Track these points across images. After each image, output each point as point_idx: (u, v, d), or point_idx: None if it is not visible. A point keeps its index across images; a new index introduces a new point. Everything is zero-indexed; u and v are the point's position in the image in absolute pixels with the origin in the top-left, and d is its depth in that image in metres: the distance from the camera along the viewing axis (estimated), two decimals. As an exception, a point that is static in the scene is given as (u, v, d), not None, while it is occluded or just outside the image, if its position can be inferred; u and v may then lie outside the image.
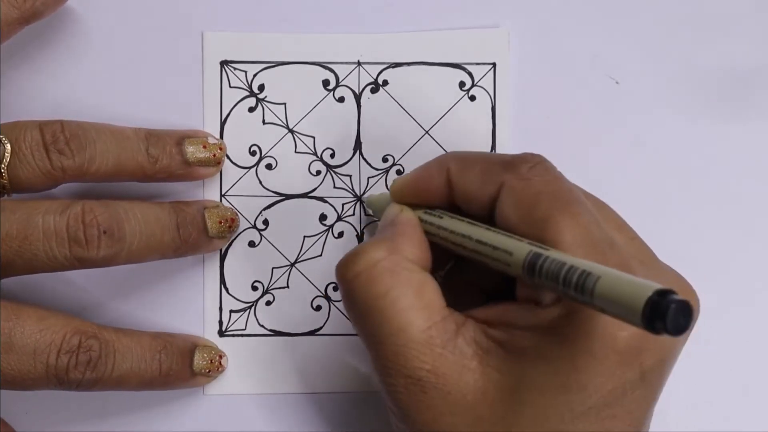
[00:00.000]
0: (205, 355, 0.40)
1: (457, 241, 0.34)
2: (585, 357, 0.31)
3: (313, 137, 0.42)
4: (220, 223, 0.40)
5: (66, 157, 0.36)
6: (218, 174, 0.41)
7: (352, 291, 0.33)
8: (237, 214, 0.41)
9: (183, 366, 0.39)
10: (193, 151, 0.39)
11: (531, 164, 0.33)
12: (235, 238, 0.42)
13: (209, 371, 0.40)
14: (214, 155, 0.40)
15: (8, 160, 0.35)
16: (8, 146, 0.35)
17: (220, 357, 0.40)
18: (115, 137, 0.37)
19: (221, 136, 0.42)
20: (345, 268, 0.34)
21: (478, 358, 0.32)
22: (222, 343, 0.41)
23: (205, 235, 0.39)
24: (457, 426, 0.32)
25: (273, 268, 0.42)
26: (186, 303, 0.41)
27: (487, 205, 0.34)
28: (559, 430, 0.31)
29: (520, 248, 0.31)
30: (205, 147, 0.39)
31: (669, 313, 0.25)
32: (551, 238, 0.31)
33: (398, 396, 0.33)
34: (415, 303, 0.33)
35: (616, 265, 0.30)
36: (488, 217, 0.34)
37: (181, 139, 0.39)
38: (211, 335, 0.41)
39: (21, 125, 0.36)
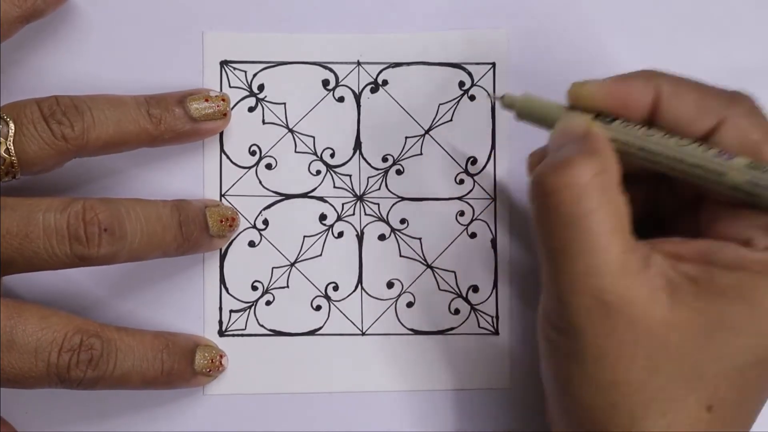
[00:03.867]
0: (206, 354, 0.40)
1: (673, 154, 0.33)
2: None
3: (313, 137, 0.42)
4: (221, 222, 0.40)
5: (65, 126, 0.36)
6: (218, 174, 0.41)
7: (558, 202, 0.32)
8: (237, 214, 0.41)
9: (184, 365, 0.39)
10: (197, 107, 0.39)
11: (751, 104, 0.33)
12: (235, 238, 0.42)
13: (210, 371, 0.40)
14: (219, 107, 0.40)
15: (13, 136, 0.36)
16: (11, 124, 0.36)
17: (221, 357, 0.40)
18: (111, 104, 0.38)
19: (221, 137, 0.42)
20: (551, 177, 0.32)
21: (668, 291, 0.32)
22: (222, 343, 0.41)
23: (207, 233, 0.39)
24: (637, 355, 0.32)
25: (273, 268, 0.42)
26: (186, 303, 0.41)
27: (699, 135, 0.33)
28: (738, 370, 0.32)
29: (738, 160, 0.32)
30: (207, 100, 0.40)
31: None
32: None
33: (578, 316, 0.32)
34: (617, 226, 0.32)
35: None
36: None
37: (183, 98, 0.39)
38: (211, 335, 0.41)
39: (19, 104, 0.37)
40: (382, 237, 0.42)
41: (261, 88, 0.42)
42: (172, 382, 0.38)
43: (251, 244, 0.42)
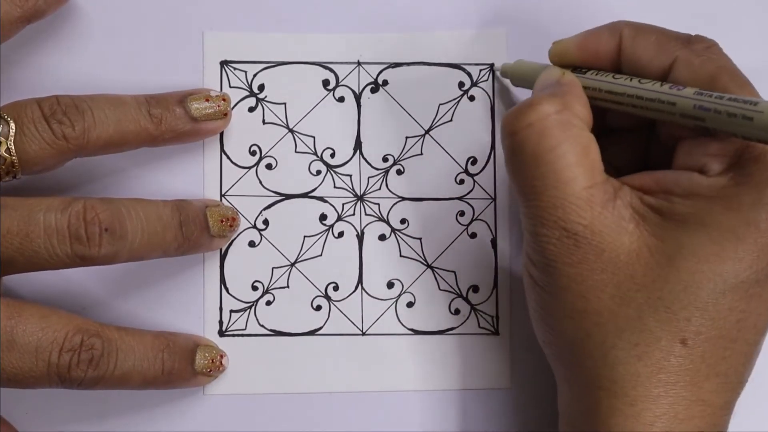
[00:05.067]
0: (207, 354, 0.40)
1: (633, 92, 0.35)
2: (748, 228, 0.32)
3: (313, 137, 0.42)
4: (222, 222, 0.40)
5: (66, 126, 0.36)
6: (218, 174, 0.41)
7: (521, 141, 0.34)
8: (238, 214, 0.41)
9: (185, 365, 0.39)
10: (197, 106, 0.39)
11: (707, 44, 0.35)
12: (235, 238, 0.42)
13: (210, 371, 0.40)
14: (219, 106, 0.40)
15: (14, 136, 0.36)
16: (12, 124, 0.36)
17: (221, 357, 0.40)
18: (112, 103, 0.38)
19: (221, 137, 0.42)
20: (515, 118, 0.34)
21: (635, 221, 0.33)
22: (222, 343, 0.41)
23: (207, 233, 0.39)
24: (605, 283, 0.33)
25: (273, 268, 0.42)
26: (186, 303, 0.41)
27: (657, 75, 0.35)
28: (707, 300, 0.32)
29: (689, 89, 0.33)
30: (208, 100, 0.40)
31: None
32: None
33: (549, 247, 0.34)
34: (581, 160, 0.33)
35: None
36: None
37: (183, 97, 0.39)
38: (211, 335, 0.41)
39: (20, 103, 0.37)
40: (382, 237, 0.42)
41: (261, 88, 0.42)
42: (173, 382, 0.38)
43: (251, 244, 0.42)
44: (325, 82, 0.42)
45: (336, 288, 0.42)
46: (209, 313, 0.41)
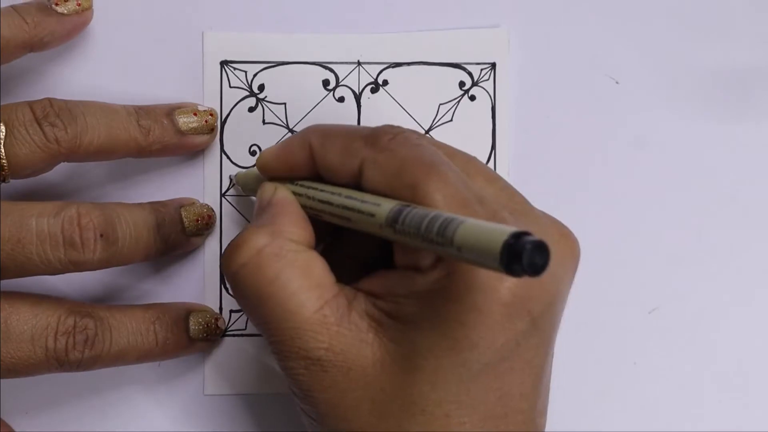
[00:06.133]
0: (200, 320, 0.39)
1: (325, 209, 0.34)
2: (471, 314, 0.31)
3: (313, 137, 0.42)
4: (197, 221, 0.40)
5: (59, 129, 0.36)
6: (218, 174, 0.41)
7: (241, 281, 0.33)
8: (213, 211, 0.41)
9: (179, 333, 0.38)
10: (185, 120, 0.39)
11: (391, 135, 0.33)
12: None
13: (207, 335, 0.39)
14: (206, 121, 0.40)
15: (4, 139, 0.35)
16: (2, 126, 0.35)
17: (216, 320, 0.40)
18: (104, 111, 0.37)
19: (221, 137, 0.42)
20: (230, 260, 0.33)
21: (373, 330, 0.32)
22: (222, 343, 0.41)
23: (183, 233, 0.39)
24: (360, 401, 0.32)
25: (273, 268, 0.42)
26: (186, 303, 0.41)
27: (351, 178, 0.34)
28: (458, 392, 0.31)
29: (385, 203, 0.31)
30: (195, 114, 0.40)
31: (524, 254, 0.25)
32: (420, 202, 0.31)
33: (299, 378, 0.33)
34: (304, 284, 0.32)
35: (485, 218, 0.30)
36: (356, 188, 0.34)
37: (171, 110, 0.39)
38: (211, 335, 0.41)
39: (11, 106, 0.36)
40: (382, 237, 0.42)
41: (261, 88, 0.42)
42: (169, 352, 0.38)
43: (251, 244, 0.42)
44: (325, 82, 0.42)
45: (336, 288, 0.42)
46: (209, 313, 0.41)
